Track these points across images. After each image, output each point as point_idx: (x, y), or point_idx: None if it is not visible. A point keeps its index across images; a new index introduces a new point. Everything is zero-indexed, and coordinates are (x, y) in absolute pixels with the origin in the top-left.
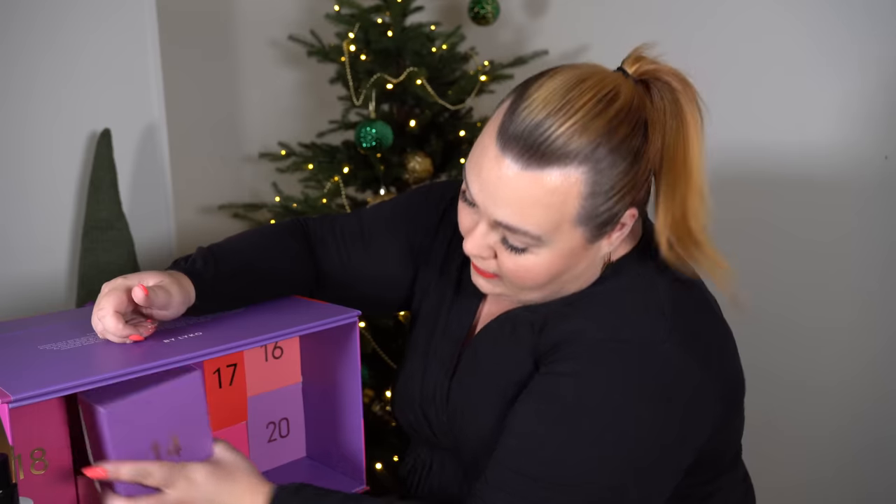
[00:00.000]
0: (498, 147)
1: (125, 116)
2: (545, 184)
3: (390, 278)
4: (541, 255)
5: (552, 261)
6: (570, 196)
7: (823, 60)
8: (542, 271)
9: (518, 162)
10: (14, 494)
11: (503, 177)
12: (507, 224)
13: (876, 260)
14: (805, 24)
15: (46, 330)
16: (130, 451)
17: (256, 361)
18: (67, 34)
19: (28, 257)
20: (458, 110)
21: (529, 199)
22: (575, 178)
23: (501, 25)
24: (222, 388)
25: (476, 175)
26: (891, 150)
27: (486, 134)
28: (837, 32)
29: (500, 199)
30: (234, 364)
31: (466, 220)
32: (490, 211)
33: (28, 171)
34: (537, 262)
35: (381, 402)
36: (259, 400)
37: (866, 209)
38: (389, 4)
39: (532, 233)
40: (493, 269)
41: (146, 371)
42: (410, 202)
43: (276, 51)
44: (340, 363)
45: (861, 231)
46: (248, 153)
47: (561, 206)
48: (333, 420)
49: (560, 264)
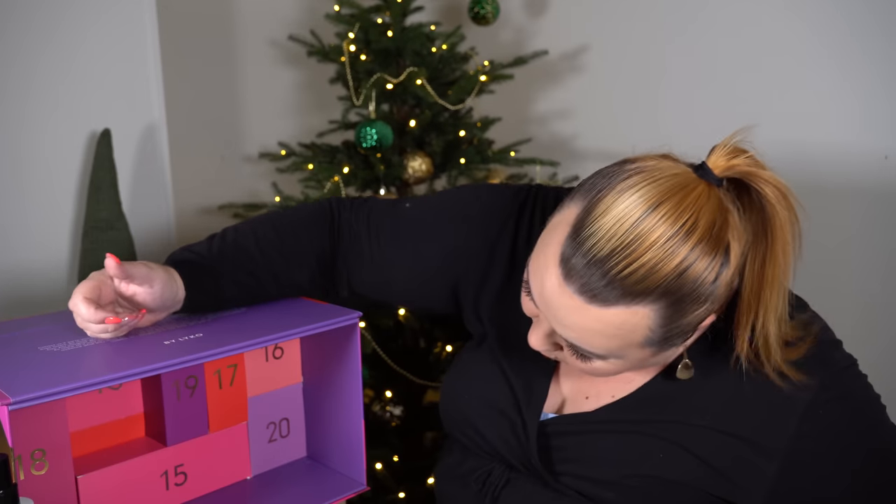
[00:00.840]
0: (561, 274)
1: (125, 116)
2: (611, 320)
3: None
4: (609, 362)
5: (622, 367)
6: (638, 328)
7: (824, 60)
8: (612, 371)
9: (582, 296)
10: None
11: (567, 305)
12: (570, 343)
13: (876, 261)
14: (806, 24)
15: (46, 331)
16: None
17: (257, 362)
18: (67, 34)
19: (28, 257)
20: (458, 110)
21: (593, 330)
22: (643, 314)
23: (501, 25)
24: (223, 389)
25: (539, 290)
26: (891, 150)
27: (549, 245)
28: (838, 32)
29: (563, 323)
30: (234, 365)
31: (530, 307)
32: (554, 326)
33: (28, 171)
34: (605, 366)
35: (381, 402)
36: (259, 400)
37: (866, 209)
38: (389, 4)
39: (598, 353)
40: (561, 358)
41: (147, 373)
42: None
43: (276, 51)
44: (341, 364)
45: (861, 231)
46: (248, 153)
47: (629, 335)
48: (334, 420)
49: (632, 367)
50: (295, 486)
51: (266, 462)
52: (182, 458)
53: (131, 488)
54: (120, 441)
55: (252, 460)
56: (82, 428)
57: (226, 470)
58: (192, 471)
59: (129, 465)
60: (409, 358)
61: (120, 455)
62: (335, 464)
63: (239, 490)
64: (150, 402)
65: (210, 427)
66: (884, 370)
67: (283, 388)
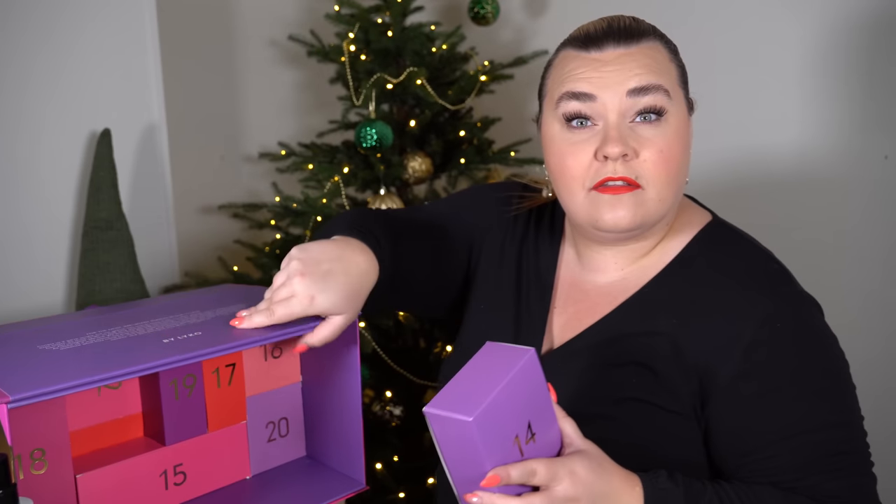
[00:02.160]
0: (594, 50)
1: (125, 116)
2: (648, 52)
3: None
4: (671, 123)
5: (678, 132)
6: (665, 61)
7: (824, 60)
8: (676, 146)
9: (619, 46)
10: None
11: (618, 58)
12: (639, 86)
13: (876, 260)
14: (806, 24)
15: (44, 329)
16: (500, 452)
17: (255, 361)
18: (67, 34)
19: (28, 257)
20: (458, 110)
21: (646, 63)
22: (658, 48)
23: (501, 25)
24: (221, 388)
25: (588, 80)
26: (891, 150)
27: (566, 58)
28: (838, 31)
29: (626, 73)
30: (232, 364)
31: (583, 147)
32: (620, 90)
33: (28, 171)
34: (671, 133)
35: (381, 402)
36: (258, 400)
37: (866, 209)
38: (389, 4)
39: (663, 85)
40: (636, 171)
41: (147, 370)
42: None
43: (276, 51)
44: (340, 363)
45: (861, 231)
46: (248, 153)
47: (666, 67)
48: (333, 420)
49: (682, 141)
50: (294, 486)
51: (265, 461)
52: (181, 458)
53: (130, 487)
54: (119, 441)
55: (251, 460)
56: (81, 427)
57: (225, 469)
58: (192, 470)
59: (128, 465)
60: (409, 358)
61: (119, 454)
62: (334, 463)
63: (238, 490)
64: (149, 402)
65: (209, 426)
66: (882, 368)
67: (282, 388)
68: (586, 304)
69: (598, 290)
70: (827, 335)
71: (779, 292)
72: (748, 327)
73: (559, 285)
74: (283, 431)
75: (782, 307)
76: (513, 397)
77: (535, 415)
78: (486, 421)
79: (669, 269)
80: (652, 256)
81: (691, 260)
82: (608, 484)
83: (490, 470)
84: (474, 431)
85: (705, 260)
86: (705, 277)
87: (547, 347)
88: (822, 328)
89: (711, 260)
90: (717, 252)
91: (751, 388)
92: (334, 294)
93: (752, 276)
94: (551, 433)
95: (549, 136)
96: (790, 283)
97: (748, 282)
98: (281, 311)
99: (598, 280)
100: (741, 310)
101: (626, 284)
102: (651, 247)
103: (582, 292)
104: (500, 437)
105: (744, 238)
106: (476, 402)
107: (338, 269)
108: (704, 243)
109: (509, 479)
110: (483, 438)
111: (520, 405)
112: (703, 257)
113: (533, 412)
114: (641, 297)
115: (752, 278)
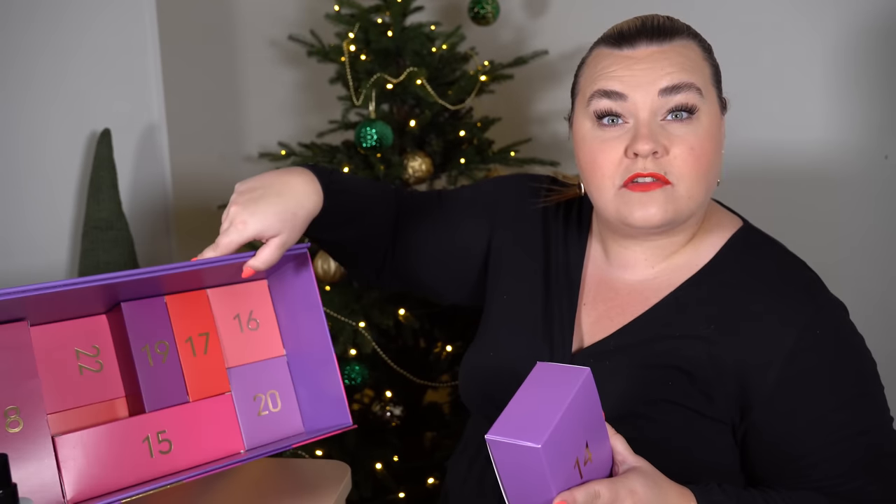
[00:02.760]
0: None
1: (125, 116)
2: (681, 50)
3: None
4: (702, 121)
5: (710, 130)
6: (699, 60)
7: (824, 59)
8: (707, 144)
9: (653, 42)
10: (14, 494)
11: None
12: (671, 84)
13: (876, 260)
14: (806, 22)
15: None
16: (564, 476)
17: (231, 332)
18: (67, 34)
19: (28, 257)
20: (458, 110)
21: (679, 62)
22: (692, 46)
23: (501, 25)
24: (197, 357)
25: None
26: (891, 150)
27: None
28: (839, 31)
29: (658, 72)
30: (206, 333)
31: (614, 144)
32: (652, 89)
33: (28, 171)
34: (702, 130)
35: (381, 402)
36: (241, 372)
37: (866, 209)
38: (389, 4)
39: (695, 83)
40: (666, 168)
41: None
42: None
43: (276, 51)
44: (301, 305)
45: (861, 231)
46: (248, 153)
47: (699, 65)
48: (310, 369)
49: (714, 139)
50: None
51: (260, 436)
52: (164, 425)
53: (112, 451)
54: (101, 420)
55: (244, 434)
56: (62, 409)
57: (215, 441)
58: (177, 439)
59: (108, 429)
60: (409, 358)
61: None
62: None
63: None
64: (127, 377)
65: (190, 395)
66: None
67: (265, 361)
68: (617, 303)
69: (628, 289)
70: (859, 339)
71: (816, 299)
72: (789, 334)
73: (587, 282)
74: (275, 405)
75: (821, 314)
76: (573, 419)
77: (592, 435)
78: (552, 446)
79: (705, 271)
80: (683, 255)
81: (726, 263)
82: (665, 500)
83: (556, 495)
84: (542, 458)
85: (740, 265)
86: (741, 282)
87: (577, 346)
88: (854, 332)
89: (746, 265)
90: (752, 257)
91: (794, 396)
92: (264, 216)
93: (789, 282)
94: (605, 452)
95: (580, 134)
96: (824, 290)
97: (786, 289)
98: (222, 240)
99: (628, 278)
100: (782, 316)
101: (658, 284)
102: (681, 244)
103: (612, 290)
104: (563, 461)
105: (777, 245)
106: (541, 427)
107: (270, 193)
108: (739, 248)
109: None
110: (550, 464)
111: (580, 427)
112: (739, 262)
113: (590, 432)
114: (676, 298)
115: (790, 285)
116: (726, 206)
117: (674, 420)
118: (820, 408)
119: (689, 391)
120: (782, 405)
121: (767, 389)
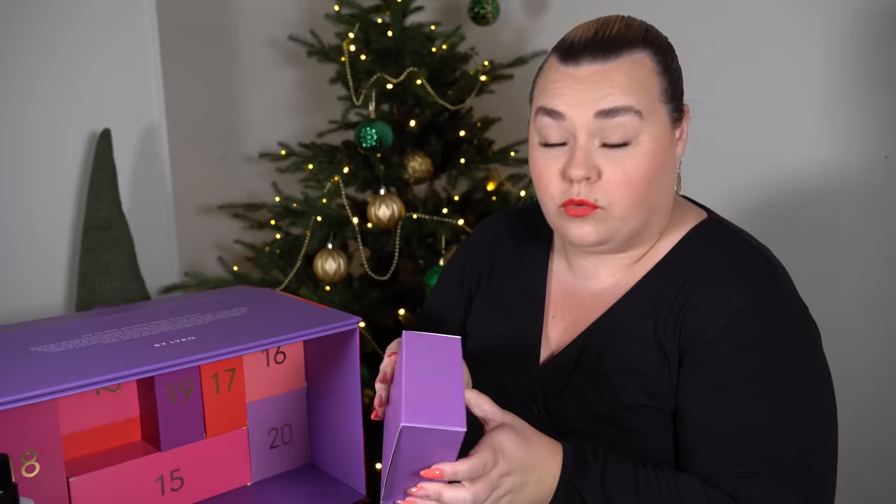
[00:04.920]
0: (571, 65)
1: (125, 116)
2: (627, 68)
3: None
4: (641, 145)
5: (651, 153)
6: (650, 75)
7: (824, 59)
8: (643, 169)
9: (595, 60)
10: (14, 494)
11: (592, 75)
12: (608, 108)
13: (875, 260)
14: (807, 23)
15: (38, 332)
16: None
17: (257, 367)
18: (68, 34)
19: (28, 257)
20: (458, 110)
21: (621, 81)
22: (643, 60)
23: (501, 25)
24: (220, 394)
25: (561, 97)
26: (891, 150)
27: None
28: (839, 31)
29: (599, 92)
30: (232, 369)
31: (554, 164)
32: (588, 112)
33: (28, 171)
34: (640, 155)
35: None
36: (260, 406)
37: (866, 209)
38: (389, 4)
39: (634, 106)
40: (596, 194)
41: (139, 375)
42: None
43: (276, 51)
44: (341, 370)
45: (861, 231)
46: (248, 153)
47: (647, 81)
48: (334, 427)
49: (656, 161)
50: (292, 493)
51: (267, 468)
52: (178, 464)
53: (125, 492)
54: (116, 444)
55: (253, 466)
56: (79, 430)
57: (225, 475)
58: (189, 476)
59: (123, 469)
60: None
61: (114, 458)
62: (336, 471)
63: (238, 496)
64: (146, 406)
65: (207, 432)
66: (882, 368)
67: (286, 394)
68: (583, 312)
69: (592, 297)
70: (801, 338)
71: (755, 289)
72: (716, 323)
73: (552, 295)
74: (287, 438)
75: (754, 305)
76: None
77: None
78: None
79: (656, 268)
80: (644, 261)
81: (676, 257)
82: (535, 453)
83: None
84: (460, 440)
85: (688, 256)
86: (684, 274)
87: (546, 355)
88: (796, 330)
89: (693, 256)
90: (702, 248)
91: (707, 380)
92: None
93: (732, 271)
94: None
95: (531, 144)
96: (771, 279)
97: (725, 277)
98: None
99: (592, 287)
100: (714, 305)
101: (617, 289)
102: (641, 255)
103: (578, 300)
104: None
105: (734, 234)
106: (454, 408)
107: None
108: (694, 240)
109: (456, 476)
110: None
111: None
112: (688, 254)
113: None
114: (630, 298)
115: (731, 274)
116: (692, 200)
117: (643, 422)
118: (730, 397)
119: (650, 389)
120: (696, 388)
121: (686, 372)
